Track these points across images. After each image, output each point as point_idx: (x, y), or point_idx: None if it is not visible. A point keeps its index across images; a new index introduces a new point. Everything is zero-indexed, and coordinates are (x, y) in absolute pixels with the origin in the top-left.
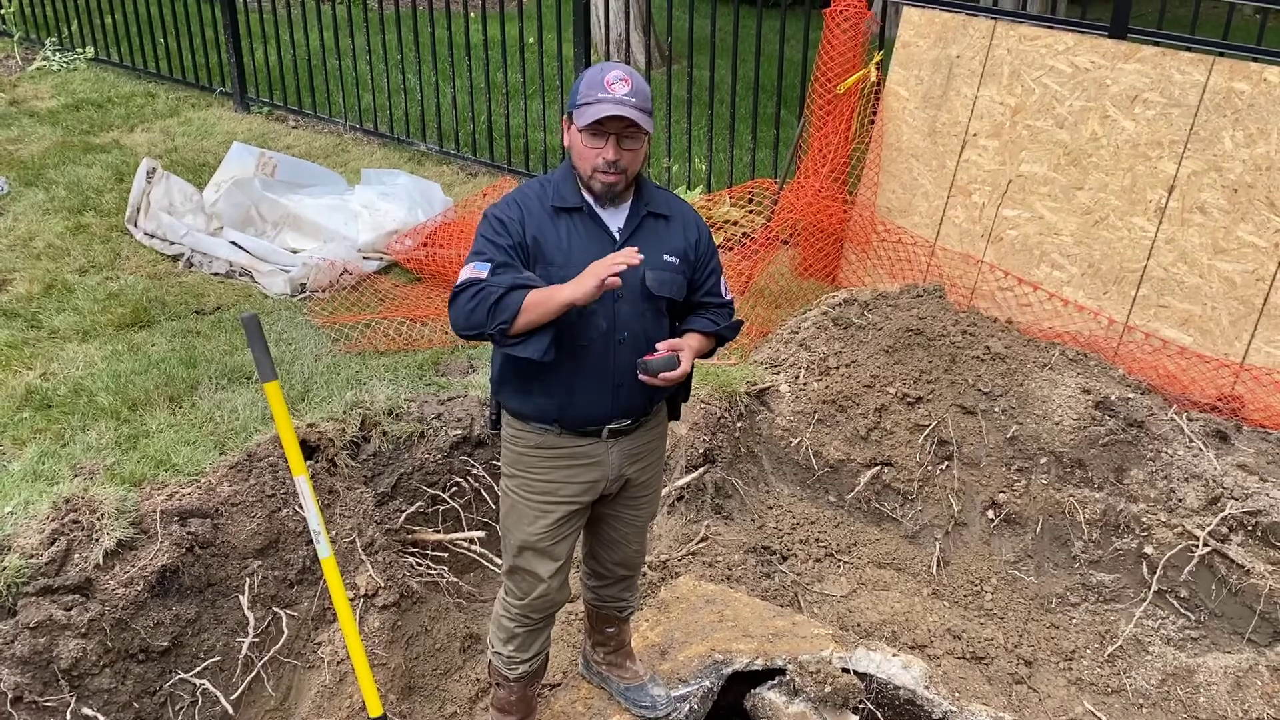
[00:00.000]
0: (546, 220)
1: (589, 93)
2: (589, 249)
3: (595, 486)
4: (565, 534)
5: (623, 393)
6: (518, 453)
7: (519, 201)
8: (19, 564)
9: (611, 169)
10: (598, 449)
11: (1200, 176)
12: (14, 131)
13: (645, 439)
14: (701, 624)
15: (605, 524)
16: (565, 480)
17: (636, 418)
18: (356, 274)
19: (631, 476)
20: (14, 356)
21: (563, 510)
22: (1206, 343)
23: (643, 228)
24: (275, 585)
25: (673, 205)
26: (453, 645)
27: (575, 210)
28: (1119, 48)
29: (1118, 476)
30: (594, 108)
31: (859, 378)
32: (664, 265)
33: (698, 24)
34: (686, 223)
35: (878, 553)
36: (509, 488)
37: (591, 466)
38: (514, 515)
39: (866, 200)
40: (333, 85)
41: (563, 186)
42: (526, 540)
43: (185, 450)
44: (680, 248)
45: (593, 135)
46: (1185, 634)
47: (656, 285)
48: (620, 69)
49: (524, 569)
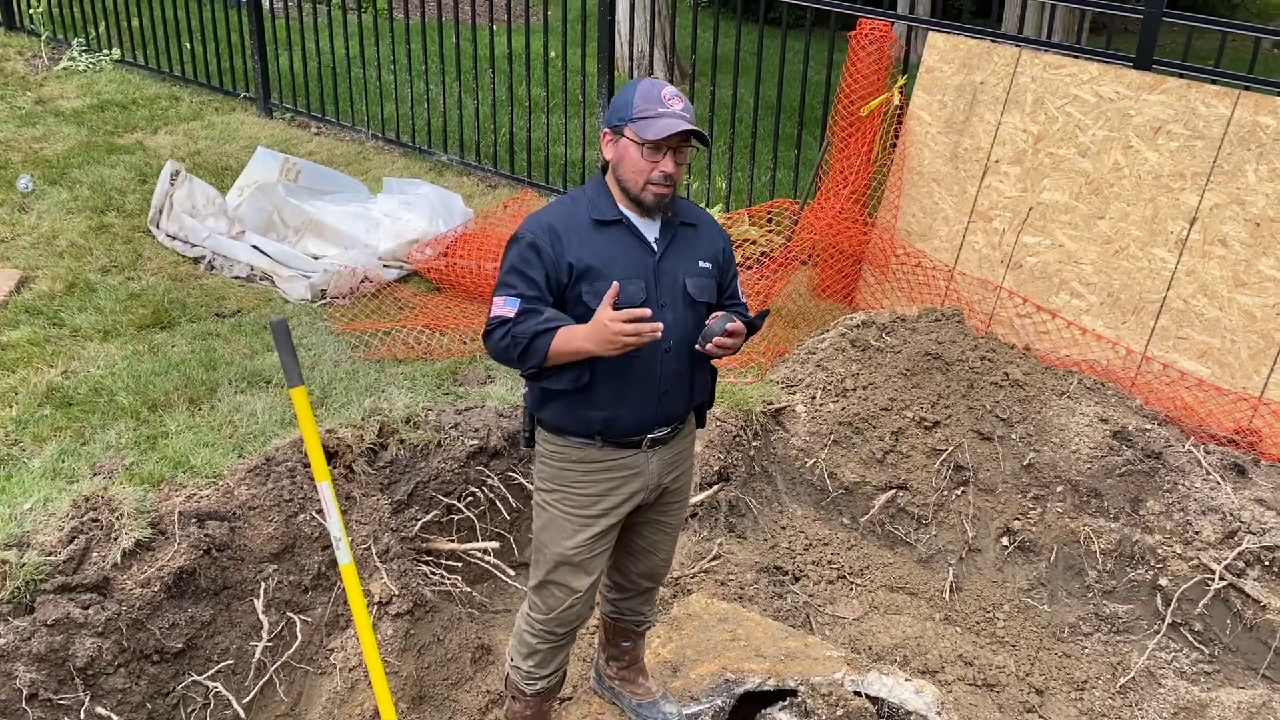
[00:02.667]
0: (587, 237)
1: (647, 107)
2: (632, 260)
3: (635, 497)
4: (602, 548)
5: (666, 400)
6: (558, 468)
7: (553, 223)
8: (38, 561)
9: (667, 182)
10: (639, 459)
11: (1222, 209)
12: (40, 130)
13: (680, 447)
14: (714, 642)
15: (635, 533)
16: (607, 492)
17: (674, 425)
18: (377, 282)
19: (668, 485)
20: (36, 354)
21: (604, 523)
22: (1225, 375)
23: (678, 237)
24: (290, 590)
25: (696, 213)
26: (464, 656)
27: (615, 223)
28: (1143, 79)
29: (1134, 507)
30: (660, 122)
31: (876, 400)
32: (700, 271)
33: (720, 44)
34: (711, 229)
35: (891, 576)
36: (547, 501)
37: (634, 477)
38: (551, 529)
39: (886, 223)
40: (356, 93)
41: (599, 201)
42: (563, 554)
43: (204, 452)
44: (711, 253)
45: (653, 149)
46: (1199, 668)
47: (698, 291)
48: (669, 85)
49: (558, 583)
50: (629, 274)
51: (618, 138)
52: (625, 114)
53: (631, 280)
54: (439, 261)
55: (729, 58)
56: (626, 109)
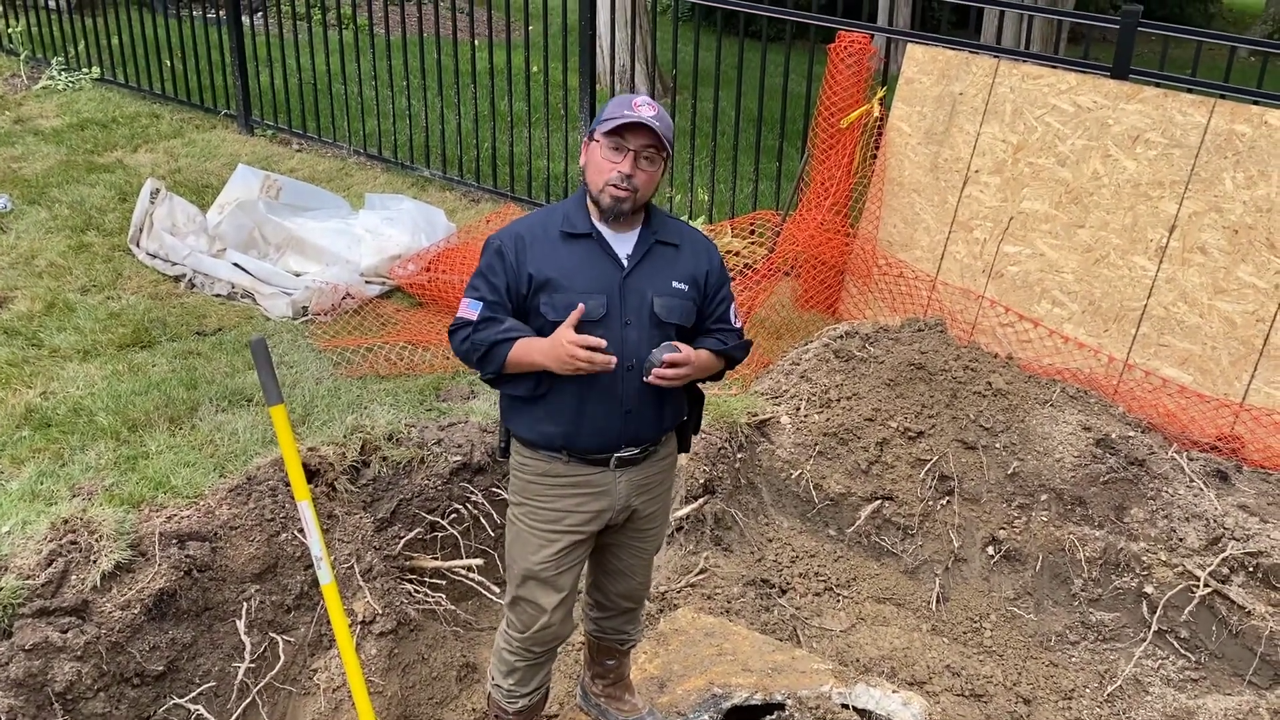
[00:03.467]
0: (551, 248)
1: (616, 110)
2: (596, 275)
3: (601, 516)
4: (569, 564)
5: (631, 420)
6: (525, 480)
7: (522, 233)
8: (15, 585)
9: (625, 184)
10: (605, 478)
11: (1201, 217)
12: (18, 149)
13: (653, 470)
14: (700, 657)
15: (610, 554)
16: (571, 509)
17: (645, 447)
18: (359, 298)
19: (638, 508)
20: (14, 375)
21: (568, 539)
22: (1206, 382)
23: (651, 254)
24: (272, 610)
25: (684, 234)
26: (449, 674)
27: (584, 236)
28: (1121, 88)
29: (1118, 515)
30: (619, 119)
31: (860, 411)
32: (672, 292)
33: (701, 56)
34: (698, 251)
35: (877, 587)
36: (515, 515)
37: (599, 495)
38: (519, 544)
39: (868, 234)
40: (337, 109)
41: (574, 214)
42: (530, 569)
43: (185, 472)
44: (690, 274)
45: (613, 149)
46: (1185, 675)
47: (665, 312)
48: (646, 97)
49: (527, 599)
50: (590, 289)
51: (589, 142)
52: (597, 120)
53: (592, 295)
54: (421, 277)
55: (710, 71)
56: (599, 116)
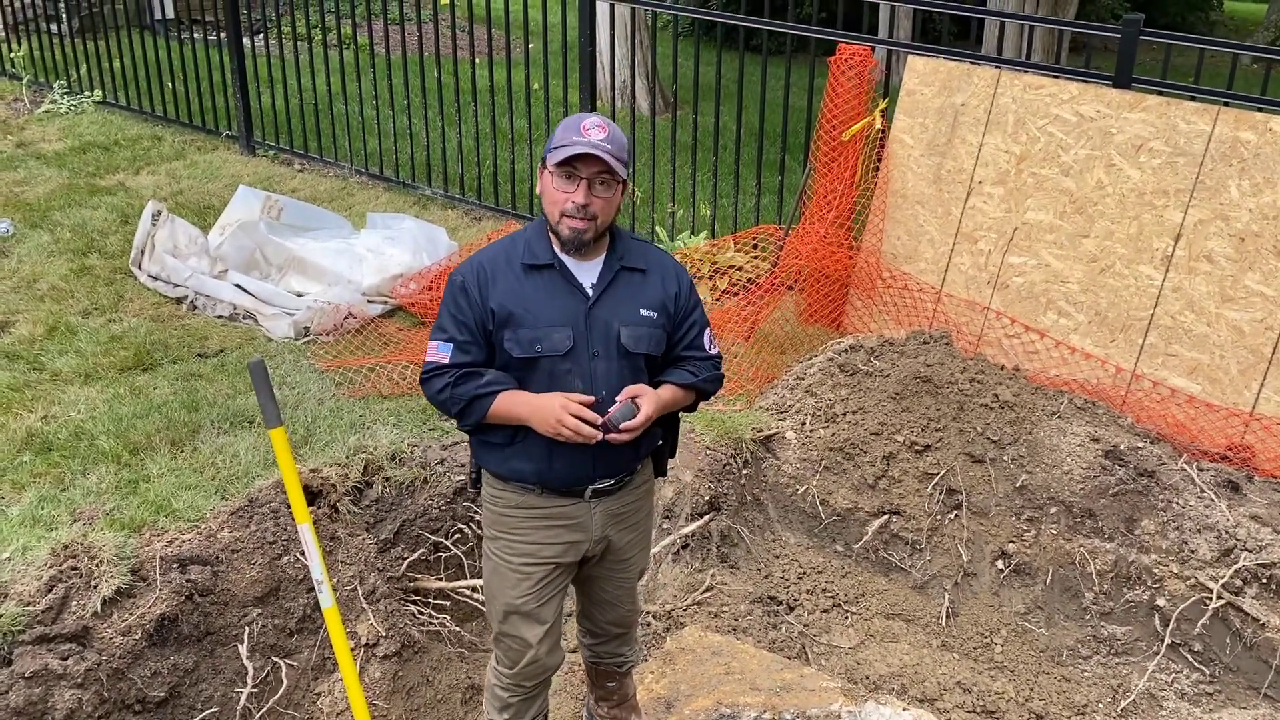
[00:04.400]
0: (514, 281)
1: (564, 136)
2: (560, 308)
3: (578, 547)
4: (549, 596)
5: (604, 454)
6: (498, 513)
7: (485, 264)
8: (16, 611)
9: (580, 214)
10: (580, 510)
11: (1207, 225)
12: (21, 174)
13: (629, 499)
14: (708, 676)
15: (594, 586)
16: (546, 541)
17: (619, 477)
18: (361, 318)
19: (615, 539)
20: (15, 399)
21: (544, 571)
22: (1215, 391)
23: (616, 282)
24: (275, 634)
25: (650, 258)
26: (454, 696)
27: (547, 267)
28: (1123, 97)
29: (1128, 527)
30: (567, 148)
31: (866, 425)
32: (640, 320)
33: (702, 71)
34: (665, 275)
35: (886, 603)
36: (490, 550)
37: (574, 528)
38: (497, 578)
39: (872, 246)
40: (339, 129)
41: (535, 244)
42: (511, 604)
43: (186, 495)
44: (658, 300)
45: (565, 178)
46: (1200, 689)
47: (633, 342)
48: (597, 117)
49: (511, 634)
50: (554, 322)
51: (542, 170)
52: (547, 147)
53: (557, 328)
54: (423, 296)
55: (711, 85)
56: (549, 142)
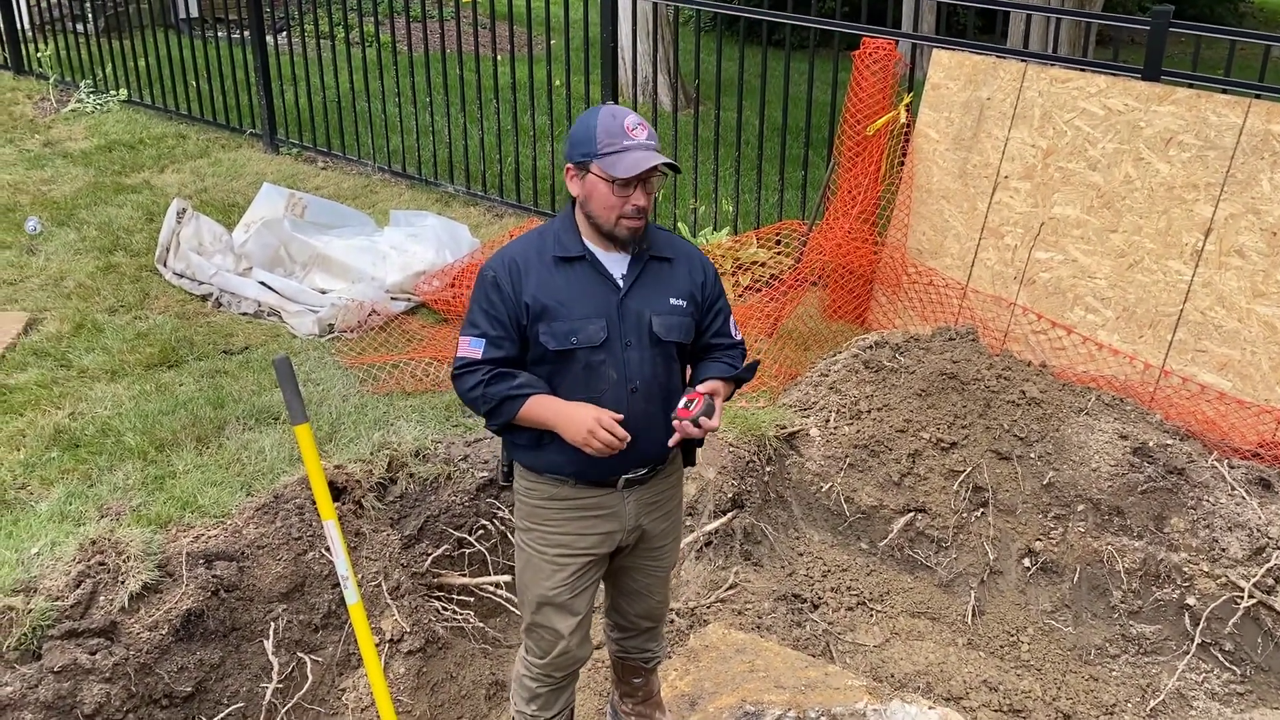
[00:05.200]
0: (546, 274)
1: (612, 141)
2: (593, 299)
3: (612, 538)
4: (583, 587)
5: (638, 442)
6: (532, 506)
7: (516, 257)
8: (44, 606)
9: (639, 215)
10: (613, 499)
11: (1238, 219)
12: (48, 172)
13: (661, 488)
14: (732, 674)
15: (625, 576)
16: (581, 532)
17: (652, 466)
18: (384, 315)
19: (648, 528)
20: (43, 395)
21: (579, 563)
22: (1246, 388)
23: (646, 272)
24: (300, 630)
25: (676, 247)
26: (478, 692)
27: (578, 259)
28: (1152, 90)
29: (1157, 525)
30: (629, 157)
31: (891, 422)
32: (670, 309)
33: (724, 66)
34: (692, 264)
35: (911, 601)
36: (524, 541)
37: (607, 518)
38: (530, 570)
39: (896, 242)
40: (361, 127)
41: (564, 236)
42: (544, 595)
43: (212, 491)
44: (687, 289)
45: (624, 185)
46: (1230, 689)
47: (664, 330)
48: (631, 113)
49: (543, 625)
50: (588, 314)
51: (583, 174)
52: (589, 149)
53: (591, 320)
54: (446, 293)
55: (733, 80)
56: (590, 144)
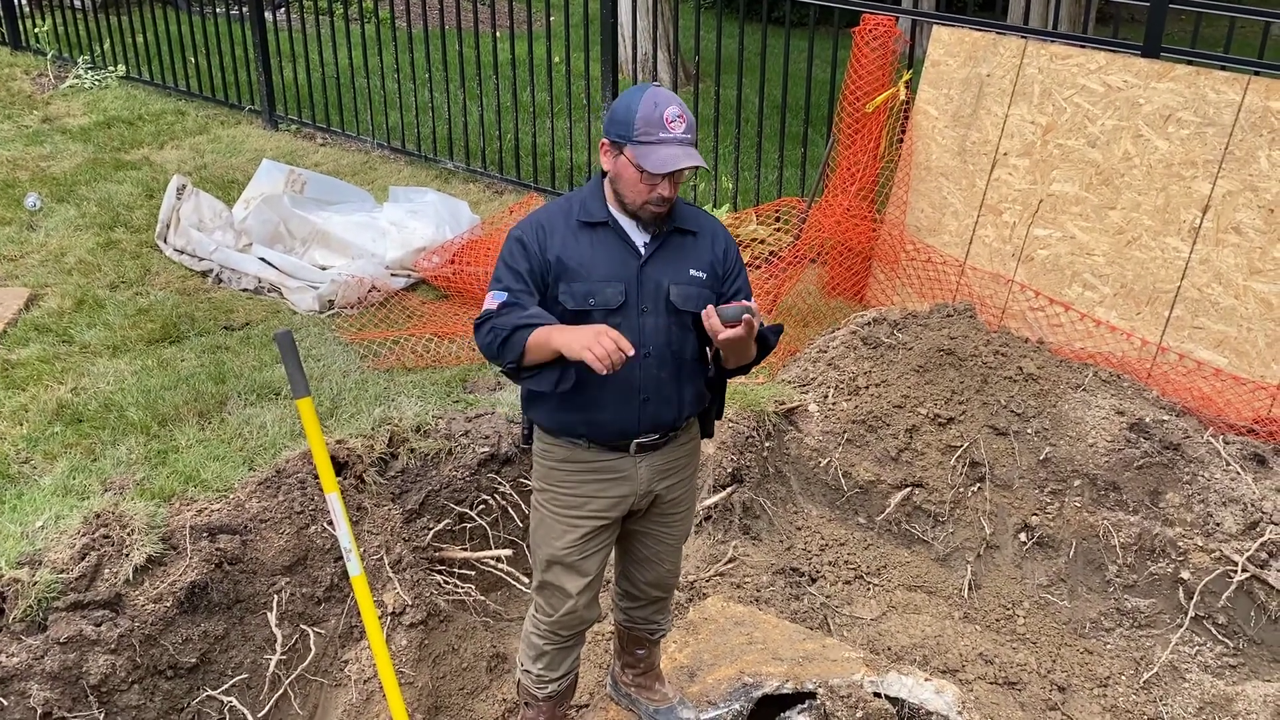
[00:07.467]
0: (571, 237)
1: (650, 131)
2: (614, 264)
3: (624, 501)
4: (593, 549)
5: (649, 407)
6: (548, 466)
7: (543, 222)
8: (50, 579)
9: (664, 204)
10: (625, 464)
11: (1235, 196)
12: (47, 148)
13: (675, 455)
14: (730, 646)
15: (637, 541)
16: (593, 494)
17: (664, 433)
18: (384, 291)
19: (661, 493)
20: (46, 371)
21: (590, 525)
22: (1242, 364)
23: (668, 243)
24: (303, 602)
25: (700, 221)
26: (479, 665)
27: (601, 225)
28: (1152, 66)
29: (1153, 500)
30: (662, 152)
31: (889, 398)
32: (689, 280)
33: (724, 44)
34: (715, 237)
35: (908, 575)
36: (539, 501)
37: (620, 481)
38: (543, 529)
39: (895, 219)
40: (361, 103)
41: (590, 203)
42: (555, 555)
43: (214, 466)
44: (707, 261)
45: (652, 175)
46: (1223, 661)
47: (681, 300)
48: (675, 103)
49: (552, 584)
50: (608, 277)
51: (617, 153)
52: (626, 133)
53: (610, 283)
54: (446, 269)
55: (733, 58)
56: (628, 128)
